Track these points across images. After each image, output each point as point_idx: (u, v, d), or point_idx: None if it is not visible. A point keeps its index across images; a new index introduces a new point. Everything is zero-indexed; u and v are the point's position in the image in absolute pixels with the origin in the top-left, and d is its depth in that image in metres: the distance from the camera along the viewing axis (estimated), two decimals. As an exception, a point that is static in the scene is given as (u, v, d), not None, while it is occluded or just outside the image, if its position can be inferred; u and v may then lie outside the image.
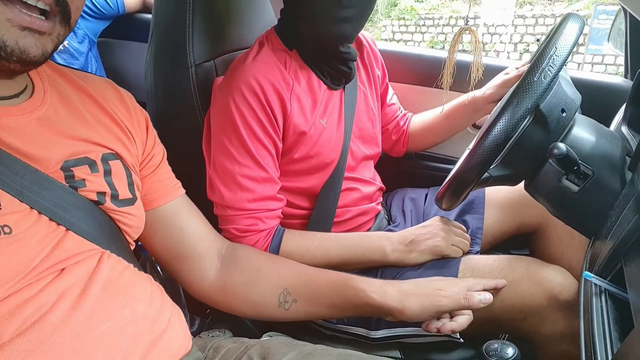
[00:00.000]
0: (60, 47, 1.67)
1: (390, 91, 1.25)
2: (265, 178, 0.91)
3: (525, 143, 0.76)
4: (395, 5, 8.85)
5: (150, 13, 1.06)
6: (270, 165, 0.92)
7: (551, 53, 0.71)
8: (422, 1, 9.24)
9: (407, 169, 1.40)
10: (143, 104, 1.01)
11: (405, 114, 1.27)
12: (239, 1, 1.07)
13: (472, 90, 1.05)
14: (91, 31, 1.82)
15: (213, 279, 0.82)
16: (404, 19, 8.74)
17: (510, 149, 0.77)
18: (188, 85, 0.98)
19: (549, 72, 0.71)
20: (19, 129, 0.56)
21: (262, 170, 0.90)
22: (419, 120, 1.25)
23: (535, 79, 0.71)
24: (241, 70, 0.90)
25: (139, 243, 0.89)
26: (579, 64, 6.86)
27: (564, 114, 0.75)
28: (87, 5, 1.77)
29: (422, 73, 1.38)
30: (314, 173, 1.00)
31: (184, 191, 0.82)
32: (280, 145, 0.93)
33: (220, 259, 0.83)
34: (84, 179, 0.62)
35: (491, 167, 0.78)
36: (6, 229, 0.51)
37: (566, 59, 0.72)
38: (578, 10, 7.67)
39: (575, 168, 0.72)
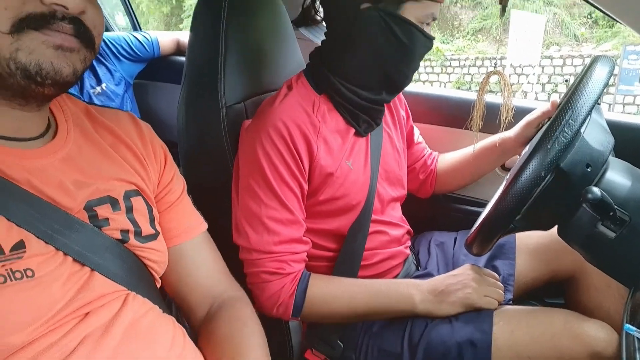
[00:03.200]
0: (98, 89, 1.75)
1: (416, 131, 1.25)
2: (291, 220, 0.91)
3: (551, 196, 0.75)
4: (421, 47, 8.99)
5: (184, 56, 1.10)
6: (296, 207, 0.92)
7: (566, 118, 0.70)
8: (447, 42, 9.37)
9: (435, 211, 1.38)
10: (174, 144, 1.03)
11: (431, 153, 1.27)
12: (270, 46, 1.11)
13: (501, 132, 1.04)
14: (127, 73, 1.90)
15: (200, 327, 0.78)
16: (429, 59, 8.85)
17: (537, 199, 0.75)
18: (218, 126, 0.99)
19: (562, 139, 0.69)
20: (43, 171, 0.58)
21: (288, 212, 0.90)
22: (447, 160, 1.24)
23: (549, 146, 0.70)
24: (268, 113, 0.91)
25: None
26: (610, 104, 6.77)
27: (588, 169, 0.73)
28: (124, 49, 1.85)
29: (448, 114, 1.38)
30: (340, 215, 0.99)
31: (198, 233, 0.80)
32: (306, 187, 0.93)
33: (209, 307, 0.79)
34: (107, 218, 0.62)
35: (520, 213, 0.77)
36: (29, 272, 0.52)
37: (584, 121, 0.71)
38: (607, 51, 7.63)
39: (611, 214, 0.70)
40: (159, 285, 0.73)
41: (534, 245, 1.09)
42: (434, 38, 0.93)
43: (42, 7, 0.52)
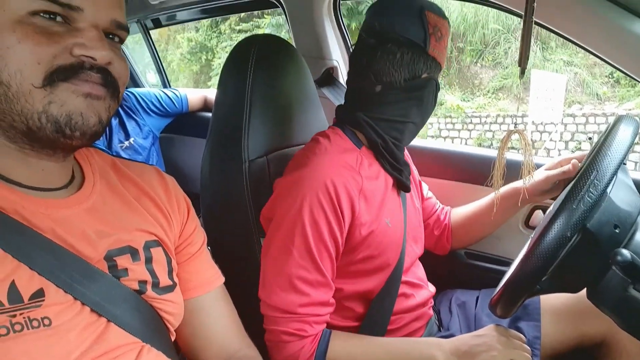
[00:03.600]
0: (126, 143, 1.81)
1: (425, 186, 1.26)
2: (321, 282, 0.88)
3: (578, 257, 0.72)
4: (442, 104, 9.13)
5: (210, 112, 1.13)
6: (328, 269, 0.90)
7: (591, 178, 0.69)
8: (468, 100, 9.48)
9: (456, 268, 1.35)
10: (197, 195, 1.05)
11: (443, 208, 1.26)
12: (294, 103, 1.14)
13: (523, 192, 1.03)
14: (155, 127, 1.96)
15: None
16: (450, 117, 8.94)
17: (563, 260, 0.73)
18: (241, 179, 1.01)
19: (588, 199, 0.68)
20: (68, 220, 0.59)
21: (320, 274, 0.88)
22: (460, 214, 1.23)
23: (574, 206, 0.68)
24: (314, 169, 0.90)
25: None
26: (636, 163, 6.66)
27: (617, 230, 0.71)
28: (153, 104, 1.93)
29: (465, 170, 1.38)
30: (373, 274, 0.97)
31: (215, 286, 0.80)
32: (341, 247, 0.92)
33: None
34: (126, 268, 0.63)
35: (545, 276, 0.74)
36: (46, 321, 0.52)
37: (610, 181, 0.69)
38: (630, 110, 7.59)
39: None
40: (173, 339, 0.72)
41: (559, 307, 1.05)
42: None
43: (71, 59, 0.54)
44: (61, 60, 0.54)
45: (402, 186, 1.02)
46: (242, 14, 9.14)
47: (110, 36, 0.60)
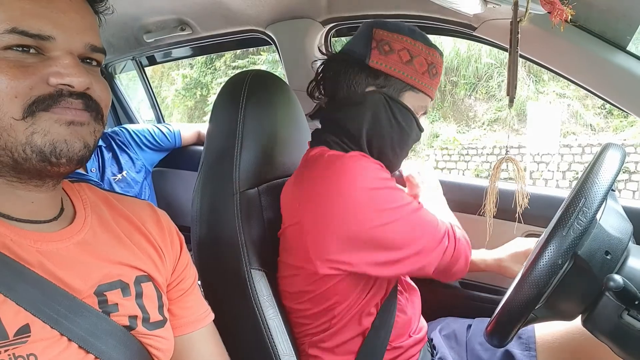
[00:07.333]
0: (119, 176, 1.81)
1: None
2: None
3: (571, 285, 0.72)
4: (438, 137, 9.21)
5: (203, 146, 1.14)
6: None
7: (580, 205, 0.69)
8: (464, 132, 9.57)
9: (451, 298, 1.34)
10: (187, 229, 1.04)
11: None
12: (284, 135, 1.15)
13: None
14: (148, 162, 1.97)
15: None
16: (446, 148, 9.00)
17: (556, 288, 0.72)
18: (232, 211, 1.01)
19: (577, 226, 0.68)
20: (57, 254, 0.59)
21: None
22: None
23: (564, 233, 0.68)
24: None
25: None
26: (633, 192, 6.68)
27: (608, 257, 0.71)
28: (147, 139, 1.95)
29: (457, 200, 1.38)
30: None
31: (206, 323, 0.79)
32: None
33: None
34: (116, 303, 0.62)
35: (539, 304, 0.73)
36: (31, 358, 0.51)
37: (599, 208, 0.69)
38: (624, 140, 7.66)
39: (637, 302, 0.66)
40: None
41: (555, 337, 1.03)
42: (424, 130, 1.00)
43: (49, 89, 0.54)
44: (38, 91, 0.54)
45: None
46: (238, 51, 9.32)
47: (87, 60, 0.60)
